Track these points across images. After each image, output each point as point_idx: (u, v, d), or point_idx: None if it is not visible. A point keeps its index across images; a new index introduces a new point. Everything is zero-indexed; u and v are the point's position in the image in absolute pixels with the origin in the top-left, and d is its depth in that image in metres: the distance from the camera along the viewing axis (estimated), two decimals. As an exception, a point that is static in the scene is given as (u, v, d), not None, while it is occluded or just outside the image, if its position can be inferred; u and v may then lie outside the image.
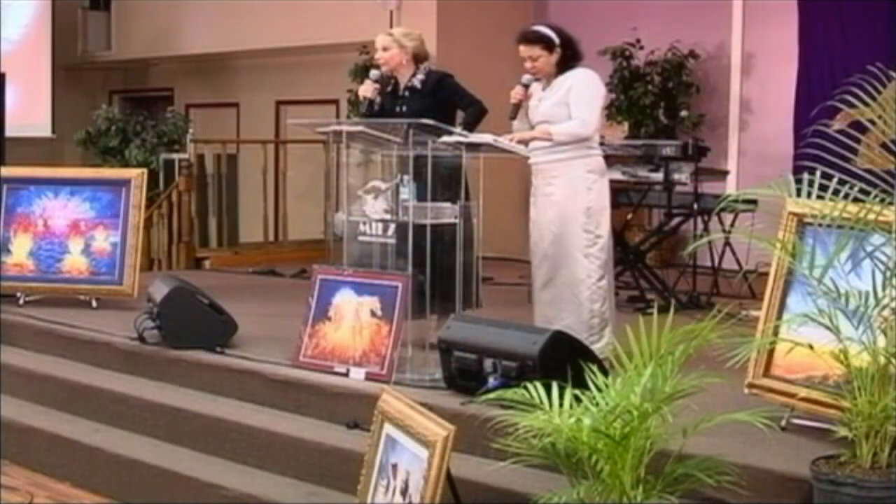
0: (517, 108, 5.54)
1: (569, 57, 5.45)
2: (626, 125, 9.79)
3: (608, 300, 5.40)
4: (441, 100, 6.06)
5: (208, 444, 5.29)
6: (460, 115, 6.15)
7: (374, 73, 6.21)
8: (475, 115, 6.04)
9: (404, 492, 3.85)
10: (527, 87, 5.52)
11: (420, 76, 6.14)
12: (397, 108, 6.12)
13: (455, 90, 6.14)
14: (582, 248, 5.35)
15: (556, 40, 5.42)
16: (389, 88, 6.22)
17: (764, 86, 9.78)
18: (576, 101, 5.34)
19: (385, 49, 6.14)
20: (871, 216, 3.59)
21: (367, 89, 6.15)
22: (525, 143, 5.45)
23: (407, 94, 6.16)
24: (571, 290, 5.35)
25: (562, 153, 5.37)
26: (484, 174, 5.74)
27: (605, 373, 3.71)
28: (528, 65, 5.46)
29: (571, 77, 5.41)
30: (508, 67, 10.92)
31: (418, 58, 6.18)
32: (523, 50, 5.45)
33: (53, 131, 13.28)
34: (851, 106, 3.80)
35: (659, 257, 9.11)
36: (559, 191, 5.39)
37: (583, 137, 5.36)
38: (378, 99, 6.19)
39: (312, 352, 5.54)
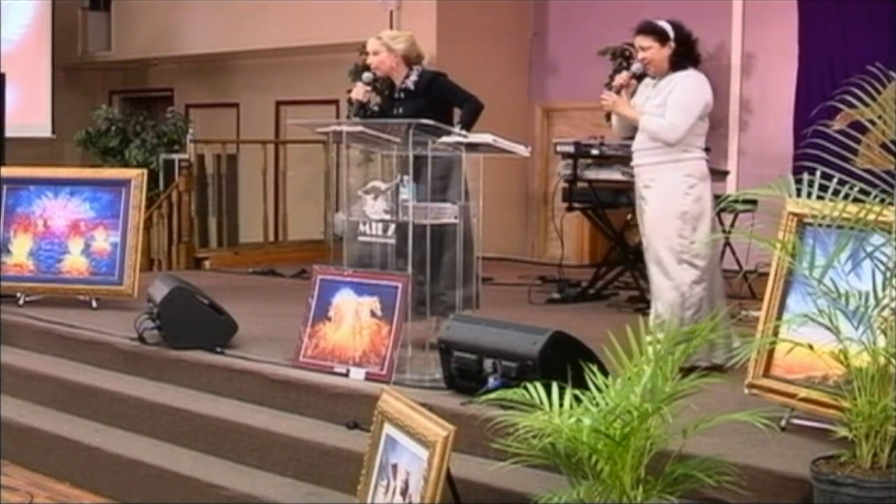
0: (616, 93, 5.42)
1: (682, 54, 5.33)
2: (626, 125, 9.79)
3: (703, 309, 5.18)
4: (435, 99, 6.05)
5: (208, 444, 5.29)
6: (458, 113, 6.15)
7: (366, 76, 6.24)
8: (471, 112, 6.03)
9: (404, 492, 3.85)
10: (635, 76, 5.43)
11: (413, 77, 6.15)
12: (394, 111, 6.14)
13: (448, 88, 6.14)
14: (677, 255, 5.20)
15: (671, 34, 5.32)
16: (387, 92, 6.23)
17: (764, 86, 9.78)
18: (672, 104, 5.22)
19: (375, 53, 6.17)
20: (871, 216, 3.59)
21: (359, 92, 6.18)
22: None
23: (402, 95, 6.17)
24: (664, 296, 5.22)
25: (657, 157, 5.26)
26: (484, 174, 5.74)
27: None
28: (639, 55, 5.38)
29: (676, 79, 5.29)
30: (508, 67, 11.02)
31: (410, 60, 6.18)
32: (638, 40, 5.37)
33: (53, 131, 13.28)
34: (851, 106, 3.80)
35: (659, 257, 9.09)
36: (653, 195, 5.28)
37: (665, 141, 5.21)
38: (371, 101, 6.22)
39: (312, 352, 5.54)
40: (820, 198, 3.73)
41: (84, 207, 7.41)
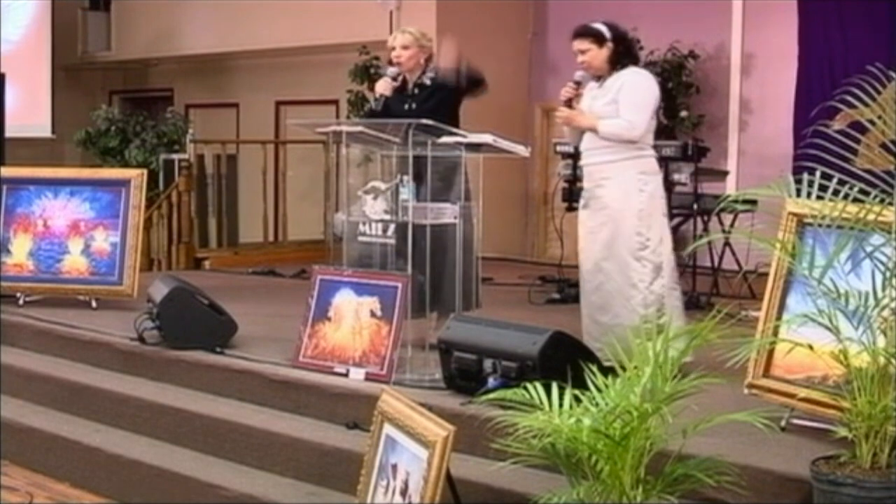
0: (568, 106, 5.42)
1: (621, 53, 5.33)
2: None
3: (668, 307, 5.17)
4: (447, 96, 6.01)
5: (208, 444, 5.29)
6: (464, 115, 6.12)
7: (391, 70, 6.14)
8: (474, 79, 5.99)
9: (404, 492, 3.86)
10: (579, 84, 5.42)
11: (430, 73, 6.12)
12: (405, 106, 6.08)
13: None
14: (634, 252, 5.19)
15: (607, 35, 5.33)
16: (397, 86, 6.19)
17: (764, 86, 9.78)
18: (624, 102, 5.22)
19: (405, 48, 6.08)
20: (871, 216, 3.59)
21: (386, 87, 6.06)
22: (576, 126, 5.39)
23: (416, 91, 6.14)
24: (623, 296, 5.18)
25: (613, 155, 5.25)
26: (484, 174, 5.74)
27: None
28: (578, 59, 5.39)
29: (623, 77, 5.28)
30: (508, 67, 11.01)
31: (428, 59, 6.19)
32: (575, 44, 5.38)
33: (53, 131, 13.29)
34: (851, 106, 3.80)
35: (659, 257, 9.09)
36: (610, 193, 5.26)
37: (626, 140, 5.22)
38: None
39: (312, 352, 5.54)
40: (820, 198, 3.72)
41: (84, 207, 7.40)
